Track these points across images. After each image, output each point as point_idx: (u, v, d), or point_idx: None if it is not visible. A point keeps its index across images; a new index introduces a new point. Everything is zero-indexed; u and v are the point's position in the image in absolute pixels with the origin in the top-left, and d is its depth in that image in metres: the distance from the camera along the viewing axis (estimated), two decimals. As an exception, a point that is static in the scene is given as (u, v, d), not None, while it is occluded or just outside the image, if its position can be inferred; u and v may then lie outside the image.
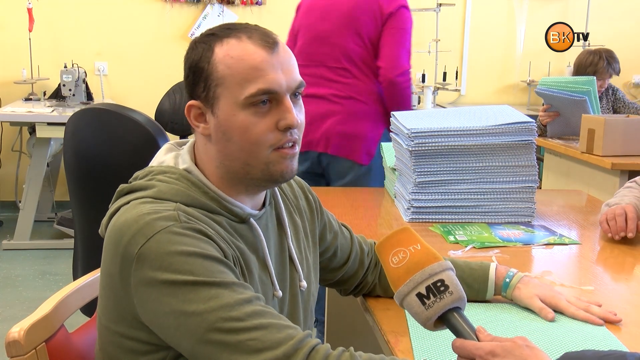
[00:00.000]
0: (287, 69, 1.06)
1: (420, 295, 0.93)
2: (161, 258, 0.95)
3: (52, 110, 4.23)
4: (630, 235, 1.72)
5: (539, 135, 3.62)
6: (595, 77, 3.57)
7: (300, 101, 1.10)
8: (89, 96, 4.64)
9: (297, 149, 1.09)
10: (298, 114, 1.07)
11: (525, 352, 0.88)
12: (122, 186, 1.09)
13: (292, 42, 2.79)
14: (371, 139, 2.66)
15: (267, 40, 1.05)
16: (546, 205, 2.14)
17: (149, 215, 0.98)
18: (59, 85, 4.43)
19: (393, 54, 2.62)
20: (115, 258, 0.98)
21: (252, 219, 1.11)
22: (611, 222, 1.76)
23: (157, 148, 1.18)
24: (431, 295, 0.93)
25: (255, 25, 1.09)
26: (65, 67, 4.45)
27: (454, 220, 1.92)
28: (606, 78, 3.85)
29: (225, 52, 1.04)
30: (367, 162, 2.67)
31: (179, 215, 0.99)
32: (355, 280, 1.38)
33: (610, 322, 1.23)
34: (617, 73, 3.88)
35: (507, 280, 1.30)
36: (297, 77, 1.07)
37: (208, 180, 1.09)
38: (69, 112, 3.48)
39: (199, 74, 1.06)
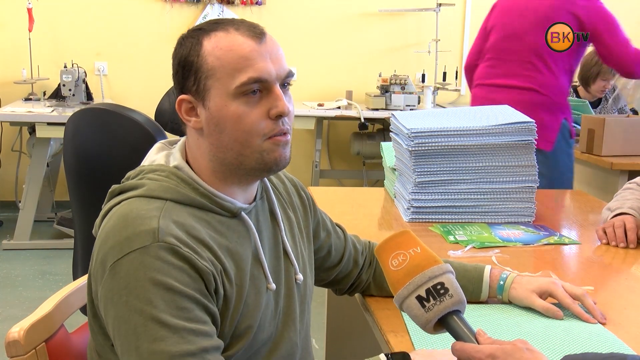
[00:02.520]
0: (275, 59, 1.06)
1: (420, 298, 0.93)
2: (128, 278, 0.95)
3: (52, 110, 4.22)
4: (631, 246, 1.72)
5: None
6: (587, 102, 3.60)
7: (289, 91, 1.10)
8: (89, 96, 4.63)
9: (289, 137, 1.09)
10: (288, 103, 1.07)
11: (525, 355, 0.88)
12: (114, 187, 1.10)
13: (483, 39, 3.02)
14: (550, 127, 2.81)
15: (255, 31, 1.06)
16: (546, 205, 2.13)
17: (133, 226, 0.98)
18: (59, 85, 4.41)
19: (616, 56, 2.81)
20: (97, 258, 1.00)
21: (243, 213, 1.11)
22: (608, 229, 1.76)
23: (156, 148, 1.18)
24: (431, 298, 0.93)
25: (242, 19, 1.10)
26: (65, 67, 4.43)
27: (454, 220, 1.92)
28: (610, 79, 3.81)
29: (214, 45, 1.05)
30: (549, 148, 2.81)
31: (159, 231, 0.97)
32: (349, 280, 1.39)
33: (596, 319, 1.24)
34: None
35: (501, 282, 1.31)
36: (286, 67, 1.08)
37: (199, 176, 1.09)
38: (69, 112, 3.48)
39: (188, 67, 1.06)
